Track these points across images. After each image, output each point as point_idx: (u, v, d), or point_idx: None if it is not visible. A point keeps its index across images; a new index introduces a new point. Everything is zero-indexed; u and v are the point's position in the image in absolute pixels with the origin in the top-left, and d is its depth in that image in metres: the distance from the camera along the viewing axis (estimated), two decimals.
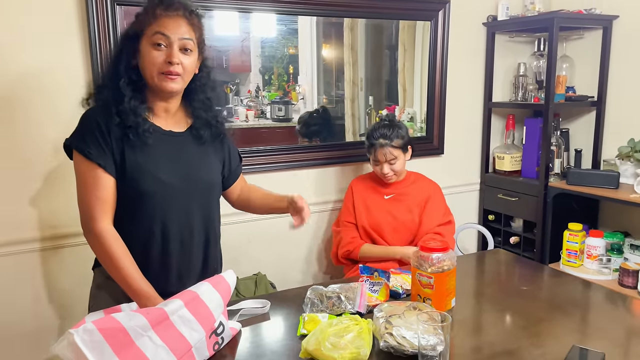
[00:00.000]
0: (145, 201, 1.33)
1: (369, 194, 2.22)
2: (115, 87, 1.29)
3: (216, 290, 1.22)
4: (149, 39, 1.28)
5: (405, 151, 2.15)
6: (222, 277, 1.27)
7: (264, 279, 2.27)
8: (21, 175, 1.92)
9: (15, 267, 1.95)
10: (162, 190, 1.34)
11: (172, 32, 1.27)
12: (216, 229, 1.52)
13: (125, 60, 1.31)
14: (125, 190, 1.32)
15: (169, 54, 1.28)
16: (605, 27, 2.62)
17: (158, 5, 1.29)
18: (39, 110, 1.91)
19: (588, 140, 2.77)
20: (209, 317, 1.18)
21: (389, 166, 2.12)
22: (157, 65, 1.28)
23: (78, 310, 1.98)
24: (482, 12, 2.81)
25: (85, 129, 1.30)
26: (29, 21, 1.85)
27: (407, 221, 2.16)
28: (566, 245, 2.48)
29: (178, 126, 1.42)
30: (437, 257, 1.40)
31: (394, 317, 1.25)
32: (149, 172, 1.32)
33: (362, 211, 2.20)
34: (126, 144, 1.30)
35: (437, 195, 2.22)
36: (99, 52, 1.94)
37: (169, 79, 1.29)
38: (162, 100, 1.37)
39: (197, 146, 1.43)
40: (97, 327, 1.00)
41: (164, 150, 1.36)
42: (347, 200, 2.27)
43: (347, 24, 2.51)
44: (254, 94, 2.43)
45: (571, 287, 1.66)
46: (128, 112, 1.28)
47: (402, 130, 2.14)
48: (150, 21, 1.28)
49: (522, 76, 2.81)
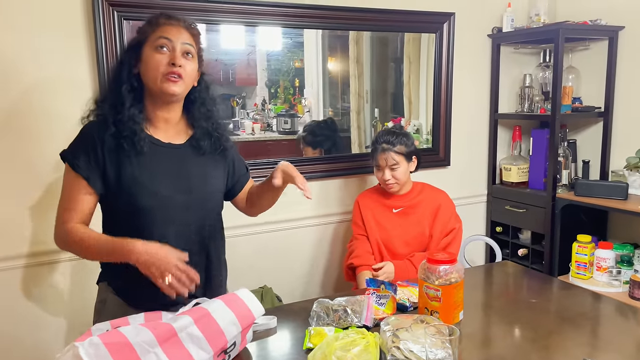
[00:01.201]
0: (143, 216, 1.32)
1: (377, 208, 2.20)
2: (116, 95, 1.31)
3: (229, 309, 1.18)
4: (152, 43, 1.31)
5: (409, 160, 2.13)
6: (236, 295, 1.23)
7: (270, 292, 2.26)
8: (26, 188, 1.93)
9: (18, 280, 1.96)
10: (160, 204, 1.33)
11: (175, 36, 1.32)
12: (217, 242, 1.49)
13: (127, 68, 1.33)
14: (121, 205, 1.32)
15: (172, 56, 1.30)
16: (611, 37, 2.61)
17: (160, 16, 1.34)
18: (48, 124, 1.93)
19: (595, 151, 2.75)
20: (220, 336, 1.14)
21: (390, 172, 2.09)
22: (160, 68, 1.30)
23: (82, 323, 1.98)
24: (487, 24, 2.82)
25: (78, 142, 1.33)
26: (38, 36, 1.88)
27: (418, 234, 2.14)
28: (575, 257, 2.46)
29: (178, 137, 1.42)
30: (445, 270, 1.39)
31: (401, 331, 1.24)
32: (146, 186, 1.31)
33: (372, 226, 2.17)
34: (122, 156, 1.31)
35: (446, 203, 2.19)
36: (106, 66, 1.96)
37: (172, 81, 1.30)
38: (162, 109, 1.37)
39: (196, 158, 1.42)
40: (103, 341, 1.00)
41: (163, 164, 1.35)
42: (356, 217, 2.23)
43: (352, 36, 2.52)
44: (260, 107, 2.44)
45: (581, 300, 1.64)
46: (126, 120, 1.30)
47: (407, 139, 2.14)
48: (154, 29, 1.32)
49: (528, 87, 2.81)
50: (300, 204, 2.48)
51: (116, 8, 1.95)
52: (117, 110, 1.30)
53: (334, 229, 2.58)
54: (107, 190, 1.33)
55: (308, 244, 2.53)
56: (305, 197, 1.41)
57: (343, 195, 2.58)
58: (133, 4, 1.97)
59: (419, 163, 2.20)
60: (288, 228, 2.44)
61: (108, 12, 1.93)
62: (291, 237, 2.48)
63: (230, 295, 1.23)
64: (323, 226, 2.55)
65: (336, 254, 2.60)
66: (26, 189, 1.94)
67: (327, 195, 2.55)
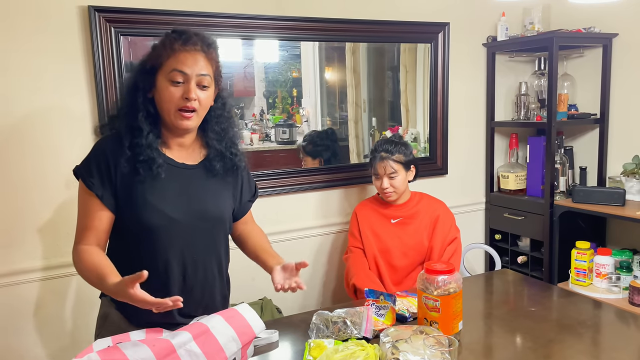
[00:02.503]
0: (151, 235, 1.31)
1: (375, 218, 2.20)
2: (132, 119, 1.29)
3: (229, 325, 1.17)
4: (167, 75, 1.27)
5: (407, 169, 2.15)
6: (236, 310, 1.23)
7: (269, 304, 2.26)
8: (29, 206, 1.94)
9: (21, 295, 1.96)
10: (168, 224, 1.32)
11: (190, 68, 1.27)
12: (222, 261, 1.48)
13: (142, 92, 1.30)
14: (129, 223, 1.32)
15: (186, 89, 1.27)
16: (605, 45, 2.63)
17: (176, 40, 1.28)
18: (49, 142, 1.94)
19: (592, 158, 2.76)
20: (219, 353, 1.13)
21: (388, 181, 2.11)
22: (174, 102, 1.27)
23: (84, 339, 1.97)
24: (482, 33, 2.84)
25: (92, 159, 1.31)
26: (36, 54, 1.89)
27: (416, 245, 2.14)
28: (574, 264, 2.46)
29: (191, 158, 1.40)
30: (443, 280, 1.39)
31: (401, 342, 1.24)
32: (155, 205, 1.30)
33: (369, 237, 2.17)
34: (136, 179, 1.30)
35: (445, 213, 2.20)
36: (104, 82, 1.97)
37: (185, 117, 1.29)
38: (177, 135, 1.36)
39: (208, 179, 1.40)
40: (102, 358, 1.00)
41: (173, 184, 1.34)
42: (353, 227, 2.24)
43: (349, 47, 2.54)
44: (258, 117, 2.45)
45: (581, 307, 1.64)
46: (143, 146, 1.28)
47: (406, 148, 2.15)
48: (169, 54, 1.27)
49: (524, 95, 2.83)
50: (299, 215, 2.49)
51: (113, 24, 1.96)
52: (134, 135, 1.29)
53: (333, 239, 2.58)
54: (117, 208, 1.32)
55: (307, 254, 2.52)
56: None
57: (342, 206, 2.58)
58: (130, 19, 1.99)
59: (417, 172, 2.22)
60: (287, 239, 2.44)
61: (105, 28, 1.95)
62: (291, 248, 2.47)
63: (230, 310, 1.23)
64: (322, 237, 2.55)
65: (335, 264, 2.60)
66: (29, 208, 1.94)
67: (326, 206, 2.55)
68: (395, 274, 2.16)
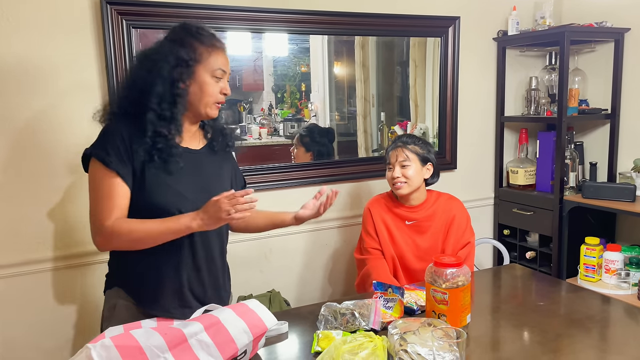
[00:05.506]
0: (161, 216, 1.32)
1: (390, 219, 2.06)
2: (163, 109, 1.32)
3: (241, 319, 1.19)
4: (210, 70, 1.37)
5: (422, 163, 2.01)
6: (246, 306, 1.25)
7: (277, 296, 2.27)
8: (35, 195, 1.96)
9: (32, 285, 1.98)
10: (180, 204, 1.35)
11: (227, 66, 1.42)
12: (224, 244, 1.54)
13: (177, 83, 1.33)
14: (142, 204, 1.34)
15: (224, 86, 1.41)
16: (617, 39, 2.61)
17: (211, 37, 1.39)
18: (59, 129, 1.96)
19: (603, 153, 2.74)
20: (230, 344, 1.15)
21: (400, 169, 1.98)
22: (214, 96, 1.39)
23: (94, 329, 2.00)
24: (492, 27, 2.82)
25: (107, 139, 1.32)
26: (48, 45, 1.91)
27: (429, 247, 2.02)
28: (583, 260, 2.45)
29: (193, 142, 1.46)
30: (451, 273, 1.39)
31: (409, 334, 1.25)
32: (170, 186, 1.35)
33: (385, 238, 2.04)
34: (149, 161, 1.33)
35: (461, 213, 2.06)
36: (115, 74, 1.98)
37: (217, 108, 1.42)
38: (193, 124, 1.45)
39: (212, 162, 1.48)
40: (115, 343, 1.01)
41: (183, 167, 1.38)
42: (368, 225, 2.07)
43: (358, 41, 2.54)
44: (267, 111, 2.46)
45: (589, 302, 1.64)
46: (167, 136, 1.33)
47: (424, 144, 2.05)
48: (210, 52, 1.37)
49: (534, 90, 2.81)
50: None
51: (125, 17, 1.97)
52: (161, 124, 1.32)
53: (341, 232, 2.59)
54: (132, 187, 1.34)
55: (315, 247, 2.54)
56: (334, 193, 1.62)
57: (351, 200, 2.59)
58: (141, 12, 2.00)
59: (435, 174, 2.07)
60: (295, 232, 2.45)
61: (117, 20, 1.96)
62: (298, 241, 2.49)
63: (240, 305, 1.25)
64: (330, 230, 2.55)
65: (343, 257, 2.60)
66: (35, 197, 1.96)
67: (335, 200, 2.54)
68: (411, 277, 2.05)
